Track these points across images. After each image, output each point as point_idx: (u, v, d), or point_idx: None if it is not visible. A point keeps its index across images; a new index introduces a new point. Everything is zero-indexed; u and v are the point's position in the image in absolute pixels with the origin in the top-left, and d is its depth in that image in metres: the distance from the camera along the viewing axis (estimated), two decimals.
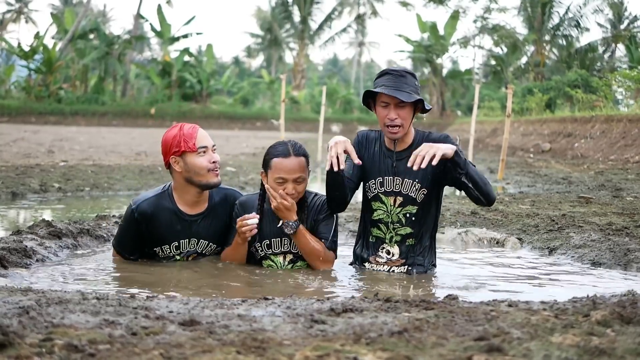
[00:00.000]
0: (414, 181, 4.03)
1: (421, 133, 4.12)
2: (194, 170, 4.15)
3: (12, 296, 2.71)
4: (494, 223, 6.22)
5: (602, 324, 2.39)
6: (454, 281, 4.04)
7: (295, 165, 4.04)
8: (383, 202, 4.11)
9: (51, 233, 4.84)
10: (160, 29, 48.97)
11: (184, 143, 4.13)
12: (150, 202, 4.24)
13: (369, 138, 4.21)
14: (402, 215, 4.09)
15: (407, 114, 3.97)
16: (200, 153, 4.14)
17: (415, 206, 4.07)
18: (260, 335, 2.22)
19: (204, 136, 4.20)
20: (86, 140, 20.24)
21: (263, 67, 72.88)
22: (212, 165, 4.16)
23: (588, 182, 10.66)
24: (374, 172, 4.12)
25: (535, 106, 26.97)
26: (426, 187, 4.03)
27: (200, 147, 4.14)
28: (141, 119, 44.26)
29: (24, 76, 46.23)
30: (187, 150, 4.13)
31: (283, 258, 4.21)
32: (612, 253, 4.75)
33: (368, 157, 4.15)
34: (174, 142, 4.15)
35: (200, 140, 4.16)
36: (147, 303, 2.68)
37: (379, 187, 4.11)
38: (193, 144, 4.13)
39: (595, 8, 38.14)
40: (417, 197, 4.05)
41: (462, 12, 45.48)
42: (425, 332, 2.29)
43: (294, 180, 4.03)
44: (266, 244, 4.20)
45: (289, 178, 4.03)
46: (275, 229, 4.16)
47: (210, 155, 4.18)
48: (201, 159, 4.14)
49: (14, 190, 8.66)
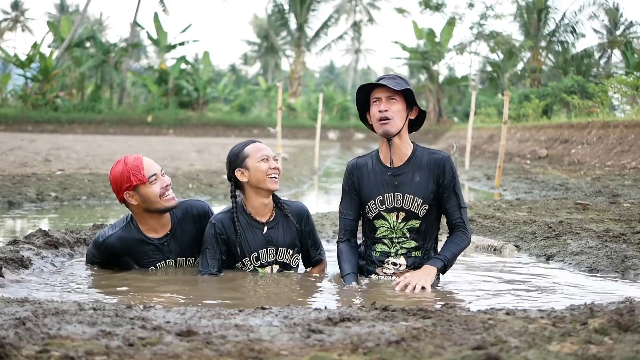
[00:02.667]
0: (415, 197, 4.04)
1: (421, 149, 4.12)
2: (150, 199, 4.21)
3: (9, 307, 2.70)
4: (491, 230, 6.21)
5: (599, 332, 2.38)
6: (452, 289, 4.03)
7: (267, 147, 4.23)
8: (386, 219, 4.10)
9: (48, 243, 4.83)
10: (157, 37, 49.03)
11: (133, 177, 4.17)
12: (117, 237, 4.33)
13: (359, 165, 4.18)
14: (406, 230, 4.09)
15: (398, 109, 3.99)
16: (152, 182, 4.20)
17: (418, 220, 4.07)
18: (258, 345, 2.21)
19: (150, 164, 4.26)
20: (83, 149, 20.21)
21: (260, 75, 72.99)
22: (163, 190, 4.21)
23: (585, 188, 10.67)
24: (373, 193, 4.10)
25: (532, 112, 26.99)
26: (428, 203, 4.05)
27: (150, 176, 4.20)
28: (138, 126, 44.32)
29: (21, 85, 46.28)
30: (138, 183, 4.18)
31: (271, 270, 4.23)
32: (609, 260, 4.74)
33: (363, 183, 4.14)
34: (123, 178, 4.19)
35: (148, 169, 4.21)
36: (143, 313, 2.67)
37: (380, 206, 4.09)
38: (142, 175, 4.18)
39: (591, 14, 38.21)
40: (419, 212, 4.05)
41: (459, 18, 45.58)
42: (422, 341, 2.29)
43: (273, 158, 4.17)
44: (254, 256, 4.18)
45: (269, 154, 4.15)
46: (260, 240, 4.17)
47: (161, 181, 4.23)
48: (154, 187, 4.20)
49: (10, 199, 8.65)
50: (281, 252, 4.22)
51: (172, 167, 13.72)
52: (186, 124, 45.99)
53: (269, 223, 4.20)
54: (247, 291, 3.83)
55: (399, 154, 4.07)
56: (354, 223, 4.21)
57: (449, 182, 4.02)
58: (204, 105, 50.29)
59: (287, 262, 4.26)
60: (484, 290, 4.03)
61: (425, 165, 4.04)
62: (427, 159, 4.05)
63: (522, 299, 3.78)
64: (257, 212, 4.19)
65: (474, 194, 12.21)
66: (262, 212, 4.19)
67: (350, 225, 4.20)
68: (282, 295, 3.77)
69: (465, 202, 4.16)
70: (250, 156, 4.12)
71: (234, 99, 56.33)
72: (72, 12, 74.22)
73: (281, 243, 4.21)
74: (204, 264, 4.14)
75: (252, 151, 4.14)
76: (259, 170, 4.09)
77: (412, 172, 4.04)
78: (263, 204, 4.18)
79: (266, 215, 4.21)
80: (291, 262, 4.28)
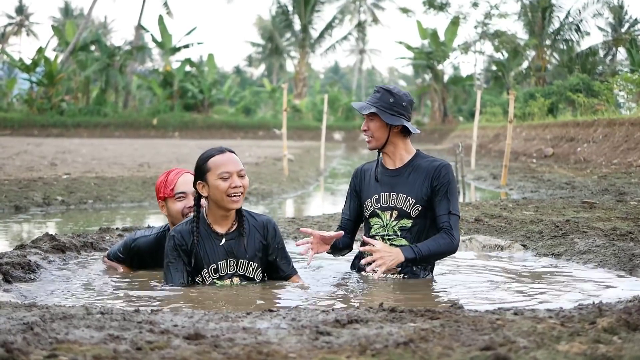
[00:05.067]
0: (408, 196, 4.18)
1: (423, 155, 4.30)
2: (172, 214, 4.33)
3: (16, 312, 2.70)
4: (497, 230, 6.20)
5: (608, 331, 2.37)
6: (459, 289, 4.03)
7: (233, 158, 3.87)
8: (380, 217, 4.26)
9: (55, 247, 4.84)
10: (162, 40, 49.11)
11: (164, 189, 4.34)
12: (149, 242, 4.47)
13: (364, 169, 4.43)
14: (397, 228, 4.21)
15: (376, 126, 4.21)
16: (179, 198, 4.30)
17: (409, 220, 4.19)
18: (266, 348, 2.21)
19: (185, 182, 4.33)
20: (89, 152, 20.26)
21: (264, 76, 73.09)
22: (187, 210, 4.26)
23: (591, 187, 10.64)
24: (371, 192, 4.31)
25: (537, 111, 26.94)
26: (421, 204, 4.16)
27: (178, 192, 4.31)
28: (143, 129, 44.38)
29: (26, 89, 46.38)
30: (167, 195, 4.32)
31: (231, 282, 3.96)
32: (617, 258, 4.73)
33: (364, 184, 4.37)
34: (159, 188, 4.39)
35: (180, 186, 4.32)
36: (151, 317, 2.67)
37: (375, 204, 4.27)
38: (171, 189, 4.31)
39: (595, 12, 38.12)
40: (411, 212, 4.18)
41: (463, 18, 45.50)
42: (431, 342, 2.28)
43: (237, 174, 3.83)
44: (213, 268, 3.92)
45: (232, 170, 3.81)
46: (219, 251, 3.93)
47: (188, 201, 4.29)
48: (178, 204, 4.31)
49: (17, 203, 8.67)
50: (242, 264, 3.96)
51: None
52: (191, 126, 46.02)
53: (228, 234, 3.93)
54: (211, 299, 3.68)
55: (398, 158, 4.28)
56: (350, 223, 4.45)
57: (442, 186, 4.13)
58: (209, 108, 50.34)
59: (250, 275, 3.99)
60: (492, 290, 4.02)
61: (423, 169, 4.20)
62: (426, 164, 4.22)
63: (530, 298, 3.78)
64: (216, 223, 3.93)
65: (480, 193, 12.19)
66: (221, 223, 3.93)
67: (346, 224, 4.45)
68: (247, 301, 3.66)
69: (458, 209, 4.16)
70: (211, 171, 3.82)
71: (239, 101, 56.40)
72: (77, 16, 74.35)
73: (241, 255, 3.94)
74: (168, 278, 3.90)
75: (213, 166, 3.82)
76: (218, 189, 3.79)
77: (409, 173, 4.22)
78: (224, 216, 3.91)
79: (225, 226, 3.94)
80: (254, 276, 4.00)
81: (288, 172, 14.47)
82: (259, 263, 4.01)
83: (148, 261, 4.48)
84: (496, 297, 3.83)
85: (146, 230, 4.61)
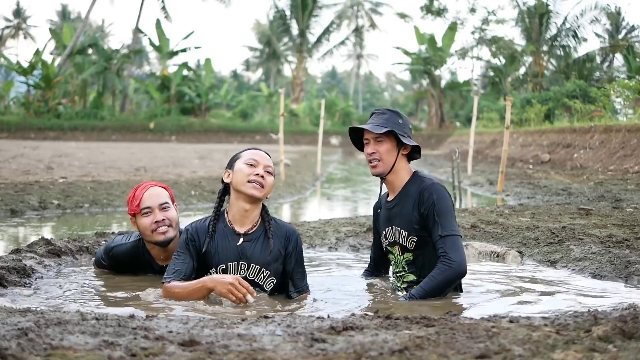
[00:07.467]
0: (402, 229, 3.99)
1: (415, 178, 4.03)
2: (141, 230, 4.32)
3: (11, 317, 2.69)
4: (494, 236, 6.20)
5: (603, 339, 2.37)
6: (455, 296, 4.02)
7: (265, 155, 3.87)
8: (392, 254, 4.13)
9: (50, 251, 4.83)
10: (159, 44, 49.09)
11: (131, 205, 4.32)
12: (125, 250, 4.48)
13: (381, 201, 4.19)
14: (404, 263, 4.05)
15: (386, 149, 3.96)
16: (145, 214, 4.27)
17: (410, 253, 4.01)
18: (261, 355, 2.20)
19: (151, 196, 4.29)
20: (85, 156, 20.22)
21: (262, 81, 73.09)
22: (155, 226, 4.24)
23: (588, 193, 10.65)
24: (381, 228, 4.17)
25: (534, 117, 26.99)
26: (414, 235, 3.94)
27: (144, 208, 4.27)
28: (140, 133, 44.37)
29: (23, 92, 46.34)
30: (134, 212, 4.30)
31: None
32: (612, 266, 4.73)
33: (378, 221, 4.22)
34: (128, 204, 4.36)
35: (145, 201, 4.28)
36: (146, 323, 2.66)
37: (384, 240, 4.14)
38: (137, 205, 4.28)
39: (593, 18, 38.15)
40: (408, 245, 3.99)
41: (460, 23, 45.67)
42: (426, 349, 2.28)
43: (265, 168, 3.79)
44: (222, 269, 3.76)
45: (260, 162, 3.79)
46: (232, 251, 3.78)
47: (154, 215, 4.25)
48: (145, 220, 4.27)
49: (12, 207, 8.65)
50: (254, 269, 3.77)
51: (174, 174, 13.71)
52: (188, 130, 46.03)
53: (247, 235, 3.79)
54: None
55: (397, 186, 4.05)
56: (376, 255, 4.38)
57: (429, 210, 3.86)
58: (206, 112, 50.34)
59: (259, 282, 3.79)
60: (487, 298, 4.02)
61: (411, 197, 3.96)
62: (414, 190, 3.96)
63: (526, 306, 3.77)
64: (235, 221, 3.80)
65: (477, 199, 12.19)
66: (241, 221, 3.79)
67: (374, 255, 4.40)
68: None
69: (452, 228, 3.85)
70: (240, 158, 3.82)
71: (236, 105, 56.40)
72: (74, 19, 74.37)
73: (255, 260, 3.77)
74: (169, 270, 3.77)
75: (245, 154, 3.84)
76: (241, 172, 3.73)
77: (402, 203, 3.99)
78: (243, 210, 3.77)
79: (246, 226, 3.80)
80: (264, 284, 3.81)
81: (285, 176, 14.46)
82: (272, 272, 3.82)
83: (130, 266, 4.47)
84: (491, 304, 3.83)
85: (124, 237, 4.56)
